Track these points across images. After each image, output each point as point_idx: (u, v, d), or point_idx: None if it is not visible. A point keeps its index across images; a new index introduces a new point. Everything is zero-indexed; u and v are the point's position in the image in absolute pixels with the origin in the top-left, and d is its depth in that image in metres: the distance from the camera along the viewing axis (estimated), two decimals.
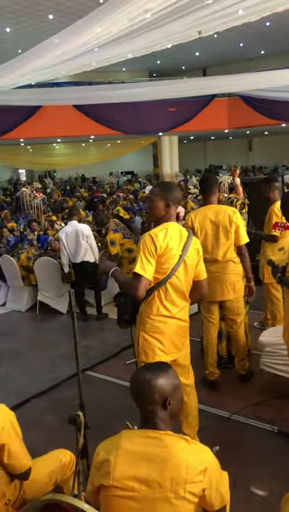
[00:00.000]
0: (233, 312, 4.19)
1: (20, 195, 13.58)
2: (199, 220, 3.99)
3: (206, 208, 4.06)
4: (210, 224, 3.98)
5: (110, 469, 1.70)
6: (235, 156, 27.19)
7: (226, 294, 4.10)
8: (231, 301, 4.14)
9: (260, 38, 19.40)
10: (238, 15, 5.14)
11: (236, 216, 3.99)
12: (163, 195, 2.96)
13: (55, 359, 5.27)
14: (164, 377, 1.83)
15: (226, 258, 4.02)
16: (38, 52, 6.24)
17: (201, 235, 3.95)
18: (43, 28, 15.68)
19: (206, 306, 4.23)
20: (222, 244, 3.99)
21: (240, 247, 4.06)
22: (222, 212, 3.99)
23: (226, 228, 3.96)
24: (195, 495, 1.67)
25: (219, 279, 4.05)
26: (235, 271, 4.09)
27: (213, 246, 3.99)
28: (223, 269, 4.04)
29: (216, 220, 3.97)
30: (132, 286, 2.81)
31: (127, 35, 5.53)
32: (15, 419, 2.22)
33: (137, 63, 18.29)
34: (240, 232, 4.00)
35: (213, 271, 3.97)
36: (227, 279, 4.07)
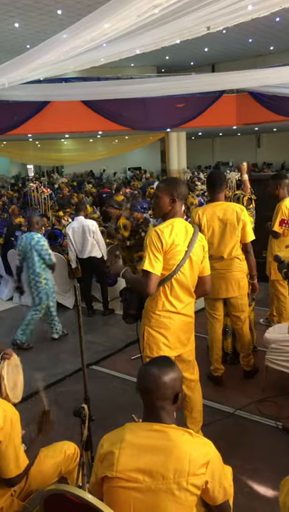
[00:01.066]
0: (238, 309, 4.20)
1: (27, 191, 13.64)
2: (207, 217, 3.98)
3: (214, 205, 4.05)
4: (217, 221, 3.97)
5: (114, 461, 1.73)
6: (243, 152, 27.10)
7: (231, 291, 4.11)
8: (236, 298, 4.15)
9: (269, 34, 19.26)
10: (247, 10, 5.12)
11: (244, 214, 3.98)
12: (169, 191, 2.96)
13: (61, 353, 5.31)
14: (173, 373, 1.87)
15: (232, 255, 4.02)
16: (47, 47, 6.26)
17: (208, 231, 3.95)
18: (52, 24, 15.69)
19: (211, 303, 4.24)
20: (229, 241, 3.98)
21: (246, 244, 4.06)
22: (230, 210, 3.98)
23: (234, 226, 3.95)
24: (197, 487, 1.69)
25: (224, 276, 4.05)
26: (240, 268, 4.09)
27: (220, 243, 3.99)
28: (228, 266, 4.04)
29: (223, 217, 3.97)
30: (142, 283, 2.83)
31: (135, 31, 5.52)
32: (17, 422, 2.14)
33: (145, 59, 18.23)
34: (246, 230, 4.00)
35: (218, 268, 3.97)
36: (232, 276, 4.07)
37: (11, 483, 2.17)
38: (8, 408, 2.13)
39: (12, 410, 2.14)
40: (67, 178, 20.78)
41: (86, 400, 2.38)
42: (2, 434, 2.06)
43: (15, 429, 2.11)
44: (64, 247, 6.96)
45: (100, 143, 23.88)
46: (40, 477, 2.39)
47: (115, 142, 23.29)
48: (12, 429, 2.09)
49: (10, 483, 2.17)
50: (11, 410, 2.14)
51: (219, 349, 4.32)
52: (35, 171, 27.59)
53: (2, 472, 2.14)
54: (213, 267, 3.94)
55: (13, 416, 2.12)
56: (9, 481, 2.16)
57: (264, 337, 4.24)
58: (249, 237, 4.03)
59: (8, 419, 2.08)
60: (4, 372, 2.37)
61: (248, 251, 4.09)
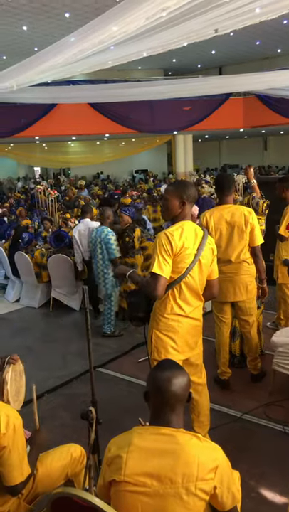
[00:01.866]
0: (246, 313, 4.18)
1: (34, 193, 13.70)
2: (214, 220, 3.97)
3: (222, 208, 4.03)
4: (225, 224, 3.95)
5: (122, 465, 1.72)
6: (250, 155, 27.09)
7: (239, 295, 4.09)
8: (244, 301, 4.12)
9: (277, 36, 19.25)
10: (255, 13, 5.11)
11: (252, 217, 3.96)
12: (178, 193, 2.95)
13: (68, 355, 5.31)
14: (184, 376, 1.88)
15: (240, 259, 4.00)
16: (55, 50, 6.27)
17: (215, 234, 3.94)
18: (60, 27, 15.77)
19: (219, 306, 4.22)
20: (236, 244, 3.97)
21: (255, 247, 4.03)
22: (238, 213, 3.96)
23: (242, 229, 3.93)
24: (206, 492, 1.68)
25: (232, 280, 4.03)
26: (248, 272, 4.07)
27: (228, 246, 3.97)
28: (236, 269, 4.02)
29: (231, 220, 3.95)
30: (151, 286, 2.82)
31: (143, 34, 5.52)
32: (20, 427, 2.10)
33: (152, 62, 18.29)
34: (255, 233, 3.98)
35: (226, 271, 3.95)
36: (240, 279, 4.05)
37: (13, 491, 2.12)
38: (11, 413, 2.08)
39: (15, 415, 2.09)
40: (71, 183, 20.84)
41: (93, 403, 2.38)
42: (6, 440, 2.01)
43: (18, 434, 2.07)
44: (70, 249, 6.98)
45: (106, 145, 23.98)
46: (47, 480, 2.39)
47: (122, 145, 23.36)
48: (15, 435, 2.04)
49: (12, 491, 2.12)
50: (13, 415, 2.08)
51: (226, 352, 4.30)
52: (42, 173, 27.74)
53: (5, 479, 2.09)
54: (221, 271, 3.93)
55: (16, 421, 2.07)
56: (12, 488, 2.10)
57: (271, 340, 4.22)
58: (258, 240, 4.01)
59: (11, 424, 2.04)
60: (8, 377, 2.36)
61: (256, 254, 4.06)
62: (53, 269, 6.96)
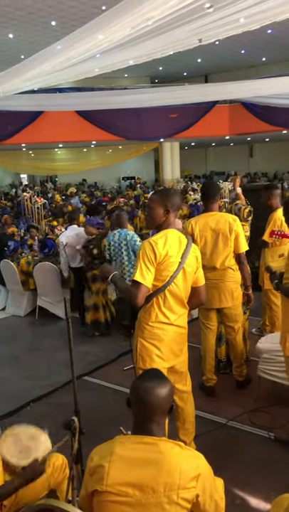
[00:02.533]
0: (231, 319, 4.20)
1: (21, 200, 13.64)
2: (200, 227, 3.99)
3: (207, 215, 4.06)
4: (210, 231, 3.98)
5: (104, 475, 1.71)
6: (236, 162, 27.31)
7: (224, 302, 4.11)
8: (229, 308, 4.15)
9: (262, 45, 19.51)
10: (239, 23, 5.19)
11: (237, 224, 3.99)
12: (162, 201, 2.95)
13: (54, 364, 5.28)
14: (167, 386, 1.87)
15: (225, 266, 4.03)
16: (41, 58, 6.30)
17: (200, 242, 3.96)
18: (46, 35, 15.80)
19: (204, 313, 4.24)
20: (221, 251, 3.99)
21: (240, 254, 4.06)
22: (223, 220, 3.99)
23: (226, 236, 3.96)
24: (188, 501, 1.68)
25: (217, 287, 4.06)
26: (233, 278, 4.09)
27: (213, 253, 3.99)
28: (222, 276, 4.05)
29: (216, 227, 3.98)
30: (131, 293, 2.81)
31: (128, 43, 5.57)
32: None
33: (138, 69, 18.40)
34: (239, 240, 4.01)
35: (212, 278, 3.97)
36: (225, 286, 4.08)
37: None
38: None
39: None
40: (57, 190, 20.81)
41: (76, 412, 2.36)
42: None
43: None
44: (57, 257, 6.96)
45: (93, 152, 24.00)
46: (30, 491, 2.36)
47: (109, 152, 23.40)
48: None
49: None
50: None
51: (212, 359, 4.31)
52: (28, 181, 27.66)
53: None
54: (206, 277, 3.93)
55: None
56: None
57: (256, 347, 4.24)
58: (242, 247, 4.04)
59: None
60: None
61: (241, 261, 4.09)
62: (38, 277, 6.92)
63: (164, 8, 4.50)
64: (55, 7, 14.02)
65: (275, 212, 5.11)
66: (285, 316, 3.26)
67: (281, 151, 24.52)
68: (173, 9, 4.52)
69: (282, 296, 3.23)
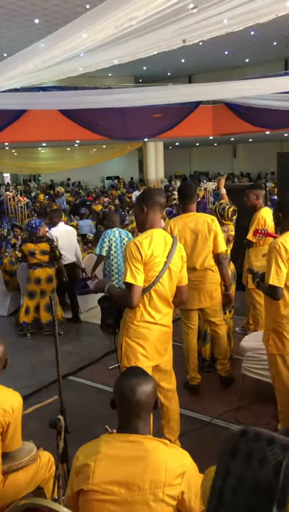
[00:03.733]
0: (211, 315, 4.25)
1: (3, 199, 13.52)
2: (179, 228, 4.00)
3: (186, 216, 4.08)
4: (189, 232, 4.00)
5: (90, 474, 1.71)
6: (219, 162, 27.49)
7: (203, 302, 4.15)
8: (208, 307, 4.20)
9: (245, 47, 19.66)
10: (223, 24, 5.21)
11: (215, 224, 4.02)
12: (138, 201, 3.03)
13: (37, 364, 5.25)
14: (150, 383, 1.87)
15: (204, 266, 4.05)
16: (24, 56, 6.23)
17: (180, 242, 3.98)
18: (29, 33, 15.68)
19: (185, 313, 4.26)
20: (200, 252, 4.01)
21: (218, 254, 4.08)
22: (201, 221, 4.02)
23: (205, 236, 3.99)
24: (173, 498, 1.69)
25: (198, 287, 4.08)
26: (213, 279, 4.13)
27: (192, 254, 4.00)
28: (202, 277, 4.08)
29: (195, 228, 4.00)
30: (127, 297, 2.83)
31: (113, 42, 5.55)
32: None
33: (123, 69, 18.38)
34: (218, 240, 4.04)
35: (192, 279, 3.99)
36: (205, 287, 4.11)
37: None
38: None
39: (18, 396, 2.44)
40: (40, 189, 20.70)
41: (62, 411, 2.36)
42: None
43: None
44: None
45: (77, 152, 23.90)
46: (16, 488, 2.36)
47: (93, 151, 23.31)
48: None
49: None
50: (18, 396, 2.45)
51: (195, 358, 4.34)
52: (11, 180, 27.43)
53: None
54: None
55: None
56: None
57: (240, 345, 4.29)
58: (221, 247, 4.06)
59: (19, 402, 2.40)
60: None
61: (220, 261, 4.11)
62: (22, 277, 6.87)
63: (148, 8, 4.49)
64: (39, 5, 13.93)
65: (258, 212, 5.17)
66: (268, 314, 3.30)
67: (264, 151, 24.74)
68: (157, 9, 4.52)
69: (265, 295, 3.27)
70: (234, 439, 1.19)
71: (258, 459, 1.12)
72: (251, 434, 1.18)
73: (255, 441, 1.16)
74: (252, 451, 1.14)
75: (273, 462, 1.10)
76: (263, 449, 1.13)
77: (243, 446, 1.16)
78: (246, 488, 1.11)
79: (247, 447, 1.15)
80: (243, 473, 1.13)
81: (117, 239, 5.81)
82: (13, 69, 6.50)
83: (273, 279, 3.01)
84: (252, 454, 1.14)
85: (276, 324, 3.19)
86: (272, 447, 1.13)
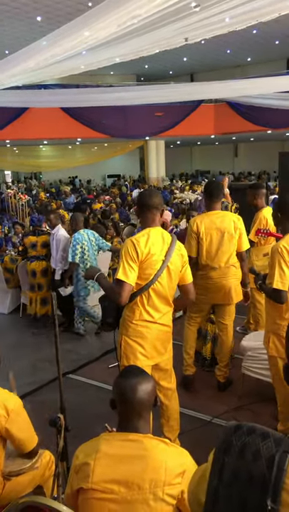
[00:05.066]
0: (227, 316, 4.23)
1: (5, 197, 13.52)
2: (205, 226, 4.02)
3: (211, 214, 4.09)
4: (215, 230, 4.01)
5: (90, 472, 1.71)
6: (221, 161, 27.46)
7: (228, 298, 4.14)
8: (230, 305, 4.20)
9: (247, 45, 19.63)
10: (225, 23, 5.21)
11: (240, 223, 4.07)
12: (137, 201, 3.11)
13: (37, 362, 5.25)
14: (149, 381, 1.88)
15: (229, 264, 4.07)
16: (26, 54, 6.23)
17: (206, 240, 3.99)
18: (32, 31, 15.68)
19: (198, 306, 4.21)
20: (226, 250, 4.03)
21: (241, 253, 4.12)
22: (227, 219, 4.05)
23: (231, 234, 4.01)
24: (173, 497, 1.69)
25: (221, 284, 4.09)
26: (235, 276, 4.14)
27: (218, 252, 4.02)
28: (225, 274, 4.08)
29: (221, 226, 4.01)
30: (115, 292, 2.83)
31: (115, 40, 5.55)
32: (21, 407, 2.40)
33: (124, 67, 18.33)
34: (242, 239, 4.08)
35: (215, 276, 4.02)
36: (229, 283, 4.11)
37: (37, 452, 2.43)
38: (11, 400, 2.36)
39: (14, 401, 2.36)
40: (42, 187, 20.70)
41: (62, 409, 2.36)
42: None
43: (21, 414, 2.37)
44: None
45: (78, 150, 23.88)
46: (16, 486, 2.36)
47: (94, 149, 23.31)
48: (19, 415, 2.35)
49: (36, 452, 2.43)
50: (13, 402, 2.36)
51: (192, 348, 4.34)
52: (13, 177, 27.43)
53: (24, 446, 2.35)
54: (209, 277, 4.01)
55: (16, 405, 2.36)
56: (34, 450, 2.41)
57: (240, 345, 4.28)
58: (245, 245, 4.11)
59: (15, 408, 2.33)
60: None
61: (243, 259, 4.16)
62: (23, 275, 6.87)
63: (151, 7, 4.49)
64: (41, 2, 13.92)
65: (260, 212, 5.16)
66: (269, 316, 3.30)
67: (265, 151, 24.72)
68: (159, 8, 4.52)
69: (267, 297, 3.26)
70: (228, 433, 1.19)
71: (251, 453, 1.13)
72: (245, 428, 1.19)
73: (249, 436, 1.17)
74: (246, 446, 1.15)
75: (267, 456, 1.12)
76: (257, 443, 1.14)
77: (237, 441, 1.17)
78: (241, 481, 1.12)
79: (241, 442, 1.17)
80: (238, 467, 1.14)
81: (88, 242, 5.83)
82: (15, 66, 6.50)
83: (277, 283, 3.01)
84: (246, 448, 1.15)
85: (277, 327, 3.18)
86: (266, 441, 1.14)
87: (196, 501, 1.25)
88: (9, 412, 2.25)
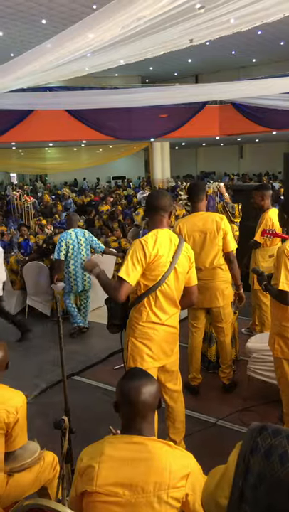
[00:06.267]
0: (220, 319, 4.20)
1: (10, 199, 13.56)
2: (187, 228, 4.01)
3: (194, 216, 4.08)
4: (198, 231, 4.00)
5: (94, 475, 1.71)
6: (226, 162, 27.42)
7: (214, 301, 4.12)
8: (219, 307, 4.16)
9: (251, 47, 19.61)
10: (230, 24, 5.19)
11: (224, 222, 4.01)
12: (146, 203, 3.12)
13: (43, 364, 5.26)
14: (153, 384, 1.87)
15: (213, 265, 4.04)
16: (31, 57, 6.25)
17: (189, 242, 3.96)
18: (37, 33, 15.74)
19: (193, 313, 4.24)
20: (209, 251, 4.01)
21: (229, 253, 4.07)
22: (210, 220, 4.01)
23: (214, 235, 3.98)
24: (177, 500, 1.68)
25: (207, 286, 4.06)
26: (223, 278, 4.11)
27: (201, 253, 4.00)
28: (211, 276, 4.06)
29: (203, 227, 3.99)
30: (114, 287, 2.83)
31: (119, 42, 5.55)
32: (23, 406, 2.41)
33: (129, 69, 18.39)
34: (228, 239, 4.02)
35: (202, 278, 3.98)
36: (216, 286, 4.09)
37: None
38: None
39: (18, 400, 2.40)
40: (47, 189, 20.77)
41: (66, 411, 2.36)
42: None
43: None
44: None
45: (83, 152, 23.92)
46: (21, 487, 2.36)
47: (99, 151, 23.33)
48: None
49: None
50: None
51: (199, 359, 4.33)
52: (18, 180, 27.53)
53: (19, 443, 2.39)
54: None
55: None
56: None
57: (246, 346, 4.27)
58: (231, 245, 4.06)
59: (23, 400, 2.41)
60: None
61: (231, 260, 4.10)
62: (28, 277, 6.89)
63: (155, 8, 4.48)
64: (46, 5, 13.97)
65: (266, 213, 5.14)
66: (275, 318, 3.28)
67: (271, 152, 24.65)
68: (164, 9, 4.51)
69: (272, 297, 3.25)
70: (254, 435, 1.17)
71: (278, 455, 1.10)
72: (270, 430, 1.16)
73: (274, 438, 1.14)
74: (272, 448, 1.12)
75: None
76: (284, 445, 1.11)
77: (262, 443, 1.14)
78: (267, 484, 1.09)
79: (267, 444, 1.14)
80: (264, 469, 1.11)
81: (74, 241, 5.98)
82: (20, 69, 6.52)
83: (283, 285, 2.99)
84: (272, 451, 1.12)
85: (282, 329, 3.16)
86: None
87: (213, 504, 1.22)
88: (17, 409, 2.32)
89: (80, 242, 6.01)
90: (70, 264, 6.00)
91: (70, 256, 5.98)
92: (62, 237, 5.99)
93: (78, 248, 6.01)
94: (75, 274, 6.05)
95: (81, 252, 6.05)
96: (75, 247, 5.98)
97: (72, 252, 5.97)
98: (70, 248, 5.95)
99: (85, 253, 6.08)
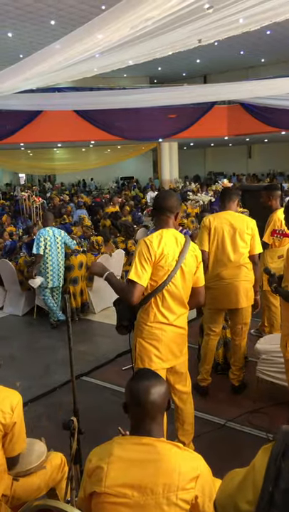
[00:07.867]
0: (242, 320, 4.17)
1: (19, 199, 13.61)
2: (217, 222, 4.03)
3: (225, 212, 4.12)
4: (228, 226, 4.01)
5: (103, 476, 1.70)
6: (234, 163, 27.32)
7: (240, 302, 4.08)
8: (243, 308, 4.13)
9: (260, 46, 19.52)
10: (239, 24, 5.17)
11: (254, 225, 4.06)
12: (153, 203, 3.13)
13: (52, 364, 5.27)
14: (162, 385, 1.86)
15: (240, 262, 4.03)
16: (40, 57, 6.27)
17: (218, 235, 3.99)
18: (45, 34, 15.78)
19: (211, 316, 4.20)
20: (237, 247, 4.01)
21: (254, 256, 4.09)
22: (240, 219, 4.06)
23: (244, 232, 4.00)
24: (187, 502, 1.67)
25: (233, 286, 4.04)
26: (248, 277, 4.09)
27: (230, 248, 4.00)
28: (236, 275, 4.04)
29: (234, 223, 4.02)
30: (127, 292, 2.82)
31: (128, 43, 5.55)
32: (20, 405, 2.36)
33: (137, 69, 18.37)
34: (255, 241, 4.05)
35: (225, 277, 3.98)
36: (241, 285, 4.05)
37: (16, 461, 2.36)
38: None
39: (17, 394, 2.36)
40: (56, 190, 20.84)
41: (75, 412, 2.36)
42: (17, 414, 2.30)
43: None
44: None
45: (92, 152, 23.97)
46: (29, 487, 2.36)
47: (107, 152, 23.36)
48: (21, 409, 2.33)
49: (16, 462, 2.36)
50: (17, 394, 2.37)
51: (211, 361, 4.31)
52: (26, 180, 27.63)
53: (17, 450, 2.32)
54: (220, 277, 3.96)
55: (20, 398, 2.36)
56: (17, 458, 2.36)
57: (255, 348, 4.24)
58: (258, 249, 4.09)
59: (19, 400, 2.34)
60: None
61: (255, 263, 4.12)
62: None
63: (164, 9, 4.48)
64: (55, 6, 14.00)
65: (274, 213, 5.11)
66: (285, 319, 3.25)
67: (280, 152, 24.53)
68: (172, 10, 4.50)
69: (282, 299, 3.22)
70: (285, 438, 1.13)
71: None
72: None
73: None
74: None
75: None
76: None
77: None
78: None
79: None
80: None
81: (51, 238, 6.35)
82: (29, 70, 6.55)
83: None
84: None
85: None
86: None
87: (232, 506, 1.19)
88: (13, 409, 2.27)
89: (56, 240, 6.39)
90: (48, 260, 6.36)
91: (47, 252, 6.33)
92: (40, 233, 6.37)
93: (55, 245, 6.38)
94: (52, 269, 6.40)
95: (57, 249, 6.44)
96: (52, 243, 6.35)
97: (50, 248, 6.34)
98: (47, 244, 6.32)
99: (60, 250, 6.47)
